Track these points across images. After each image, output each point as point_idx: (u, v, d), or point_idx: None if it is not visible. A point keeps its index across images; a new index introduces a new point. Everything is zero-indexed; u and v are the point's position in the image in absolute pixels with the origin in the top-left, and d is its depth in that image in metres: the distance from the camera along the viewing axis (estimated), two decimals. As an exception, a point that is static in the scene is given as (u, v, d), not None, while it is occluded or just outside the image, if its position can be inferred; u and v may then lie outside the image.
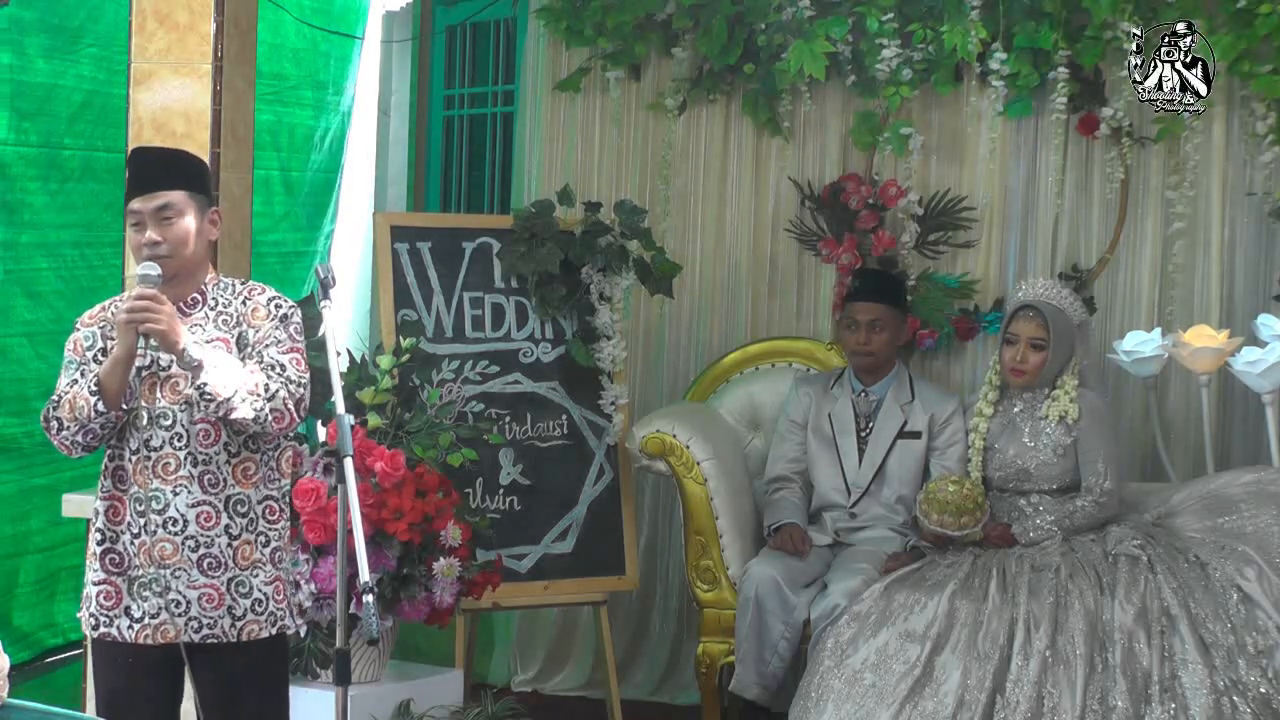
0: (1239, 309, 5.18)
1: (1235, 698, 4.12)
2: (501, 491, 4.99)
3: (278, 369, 3.23)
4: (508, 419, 5.02)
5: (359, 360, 4.78)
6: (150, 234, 3.24)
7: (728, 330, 5.70)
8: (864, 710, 4.25)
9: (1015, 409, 4.77)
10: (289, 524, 3.39)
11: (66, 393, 3.24)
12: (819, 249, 5.53)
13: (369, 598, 2.92)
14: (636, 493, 5.42)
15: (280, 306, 3.34)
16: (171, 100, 4.41)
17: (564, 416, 5.12)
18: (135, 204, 3.27)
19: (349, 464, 2.99)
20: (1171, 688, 4.16)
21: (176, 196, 3.26)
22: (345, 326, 5.75)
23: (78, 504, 4.46)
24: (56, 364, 5.43)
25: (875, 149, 5.46)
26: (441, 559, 4.33)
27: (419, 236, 5.05)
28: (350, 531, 3.00)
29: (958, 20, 5.11)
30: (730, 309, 5.71)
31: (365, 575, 2.94)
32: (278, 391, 3.20)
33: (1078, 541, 4.56)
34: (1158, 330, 4.96)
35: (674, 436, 4.93)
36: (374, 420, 4.55)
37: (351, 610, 3.72)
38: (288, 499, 3.38)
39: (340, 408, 3.06)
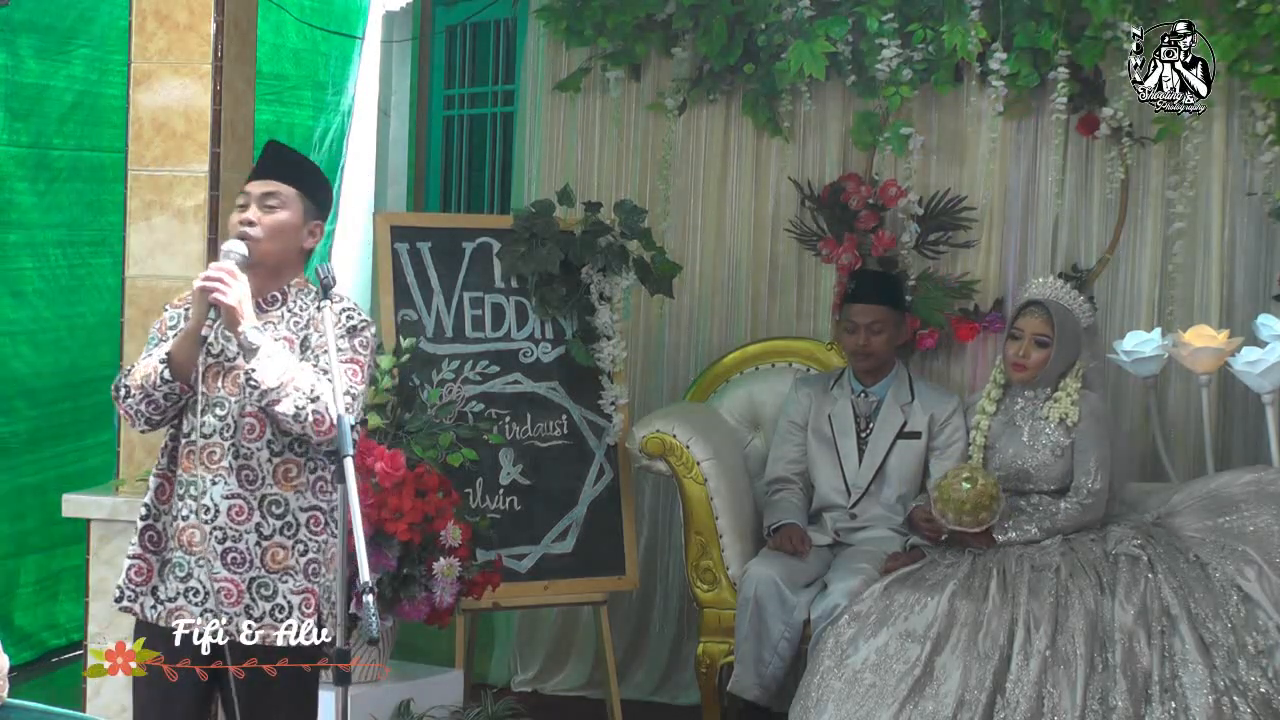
0: (1239, 309, 5.18)
1: (1235, 698, 4.12)
2: (501, 491, 4.99)
3: (329, 376, 3.23)
4: (508, 419, 5.02)
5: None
6: (248, 214, 3.31)
7: (728, 330, 5.70)
8: (864, 710, 4.24)
9: (1016, 406, 4.77)
10: (333, 540, 3.34)
11: (139, 365, 3.27)
12: (819, 249, 5.53)
13: (369, 598, 2.92)
14: (636, 493, 5.42)
15: (351, 318, 3.36)
16: (171, 100, 4.42)
17: (564, 416, 5.12)
18: (249, 186, 3.36)
19: (349, 464, 2.98)
20: (1172, 687, 4.16)
21: (287, 190, 3.34)
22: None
23: (77, 504, 4.46)
24: (38, 364, 5.49)
25: (875, 149, 5.46)
26: (441, 559, 4.33)
27: (419, 236, 5.05)
28: (350, 531, 2.99)
29: (958, 20, 5.11)
30: (730, 309, 5.71)
31: (365, 575, 2.94)
32: (323, 394, 3.20)
33: (1078, 541, 4.56)
34: (1158, 330, 4.96)
35: (674, 436, 4.93)
36: (374, 420, 4.55)
37: (351, 610, 3.71)
38: (340, 514, 3.37)
39: (340, 408, 3.06)
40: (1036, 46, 5.14)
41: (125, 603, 3.29)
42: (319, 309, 3.33)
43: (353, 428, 3.15)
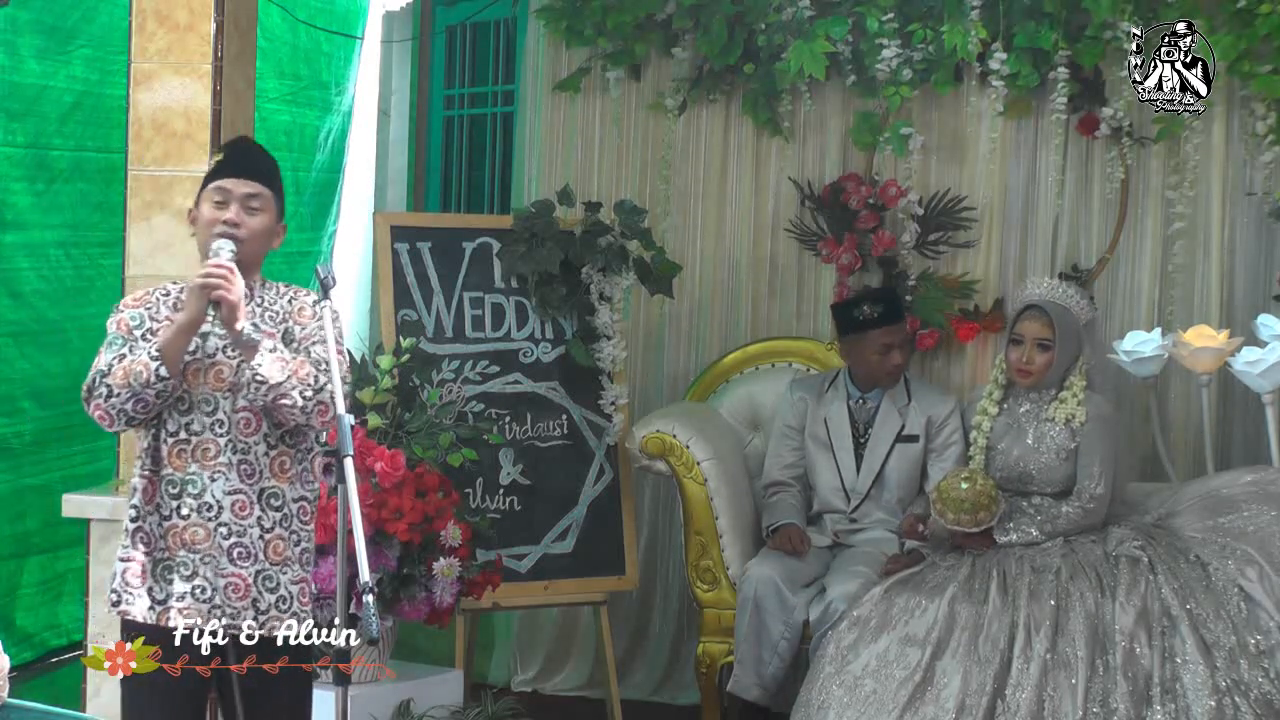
0: (1239, 309, 5.18)
1: (1237, 698, 4.11)
2: (501, 491, 5.00)
3: (323, 365, 3.27)
4: (508, 419, 5.02)
5: (359, 360, 4.78)
6: (232, 214, 3.29)
7: (728, 330, 5.70)
8: (865, 717, 4.23)
9: (1021, 409, 4.74)
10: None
11: (117, 364, 3.23)
12: (819, 249, 5.53)
13: (369, 598, 2.92)
14: (636, 493, 5.42)
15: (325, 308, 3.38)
16: (171, 100, 4.42)
17: (564, 416, 5.12)
18: (227, 183, 3.31)
19: (349, 464, 2.99)
20: (1173, 689, 4.15)
21: (266, 192, 3.34)
22: (345, 326, 5.75)
23: (78, 504, 4.46)
24: (42, 364, 5.48)
25: (875, 149, 5.46)
26: (441, 559, 4.33)
27: (419, 236, 5.05)
28: (350, 531, 3.00)
29: (958, 20, 5.11)
30: (730, 309, 5.71)
31: (365, 575, 2.94)
32: (325, 385, 3.23)
33: (1078, 543, 4.55)
34: (1158, 330, 4.96)
35: (674, 436, 4.94)
36: (374, 420, 4.55)
37: (351, 610, 3.72)
38: (317, 502, 3.41)
39: (340, 408, 3.06)
40: (1036, 46, 5.14)
41: (123, 605, 3.28)
42: (290, 301, 3.36)
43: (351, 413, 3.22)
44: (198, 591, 3.24)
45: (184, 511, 3.25)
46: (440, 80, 6.52)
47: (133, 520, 3.28)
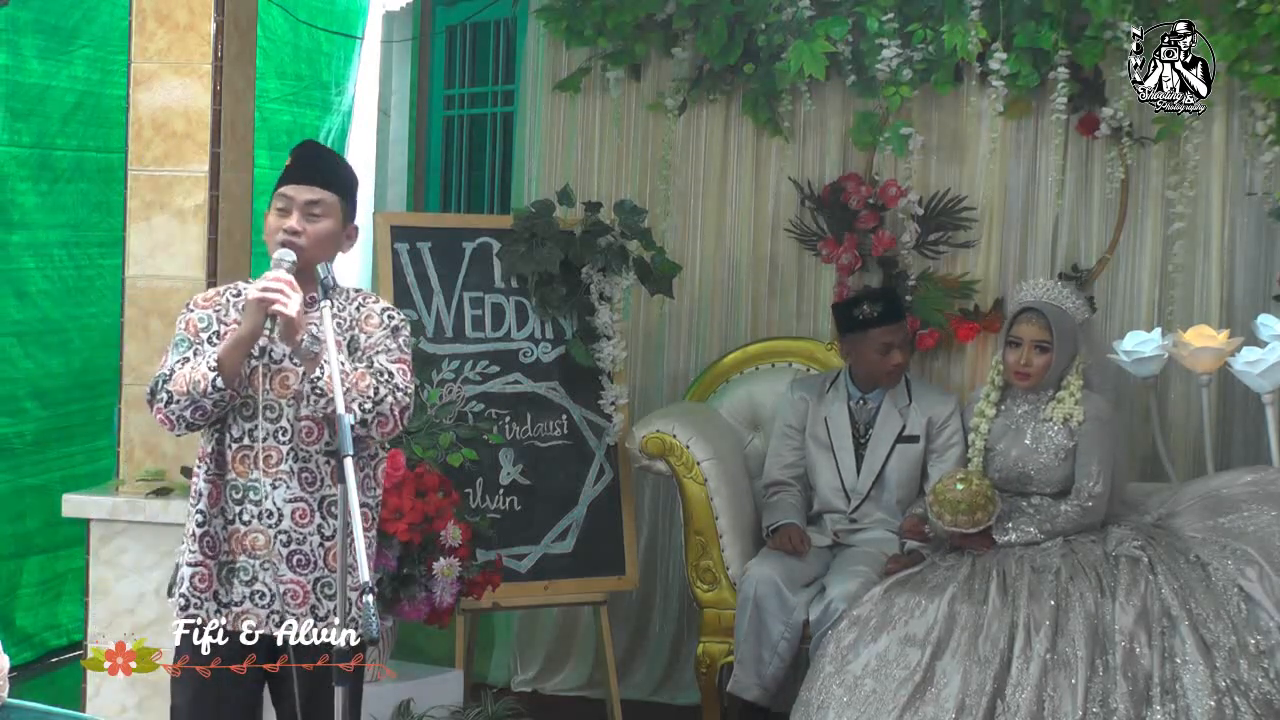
0: (1239, 309, 5.19)
1: (1237, 698, 4.11)
2: (501, 491, 5.00)
3: (386, 376, 3.26)
4: (508, 419, 5.03)
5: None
6: (293, 222, 3.28)
7: (728, 330, 5.70)
8: (865, 717, 4.23)
9: (1019, 410, 4.74)
10: (371, 537, 3.38)
11: (180, 368, 3.23)
12: (819, 249, 5.53)
13: (369, 598, 2.92)
14: (636, 493, 5.42)
15: (393, 318, 3.39)
16: (171, 100, 4.42)
17: (564, 416, 5.12)
18: (289, 190, 3.30)
19: (349, 464, 2.98)
20: (1173, 689, 4.15)
21: (329, 197, 3.31)
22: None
23: (78, 504, 4.45)
24: (48, 365, 5.48)
25: (875, 149, 5.46)
26: (441, 559, 4.33)
27: (419, 236, 5.05)
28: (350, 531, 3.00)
29: (958, 20, 5.11)
30: (730, 309, 5.71)
31: (365, 575, 2.95)
32: (385, 397, 3.22)
33: (1078, 543, 4.55)
34: (1158, 330, 4.96)
35: (674, 436, 4.93)
36: (374, 420, 4.54)
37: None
38: (379, 509, 3.40)
39: (340, 408, 3.06)
40: (1036, 46, 5.14)
41: (191, 610, 3.28)
42: (359, 308, 3.35)
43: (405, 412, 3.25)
44: (257, 597, 3.26)
45: (246, 517, 3.26)
46: (440, 80, 6.52)
47: (199, 525, 3.29)
